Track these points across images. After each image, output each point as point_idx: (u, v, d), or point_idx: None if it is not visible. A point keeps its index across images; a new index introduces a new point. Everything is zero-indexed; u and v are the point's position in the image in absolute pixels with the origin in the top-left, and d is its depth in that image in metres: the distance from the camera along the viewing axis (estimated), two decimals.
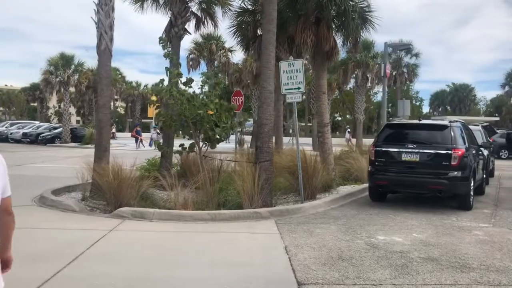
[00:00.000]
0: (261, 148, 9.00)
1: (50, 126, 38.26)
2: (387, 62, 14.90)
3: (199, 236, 6.61)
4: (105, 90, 9.69)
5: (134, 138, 31.35)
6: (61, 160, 20.15)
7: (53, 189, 9.84)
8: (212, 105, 9.64)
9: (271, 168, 9.09)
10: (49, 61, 32.47)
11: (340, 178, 12.66)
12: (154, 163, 13.08)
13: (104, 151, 9.71)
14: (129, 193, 8.45)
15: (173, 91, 9.49)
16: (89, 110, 50.51)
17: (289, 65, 8.78)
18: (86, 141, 31.53)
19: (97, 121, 9.72)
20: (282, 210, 8.03)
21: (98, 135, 9.75)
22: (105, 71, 9.67)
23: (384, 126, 9.81)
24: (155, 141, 10.80)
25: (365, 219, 7.95)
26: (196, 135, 10.11)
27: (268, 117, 9.01)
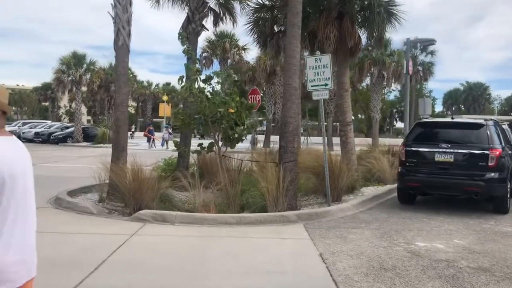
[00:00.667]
0: (285, 148, 8.59)
1: (62, 125, 38.16)
2: (409, 59, 14.39)
3: (225, 241, 6.20)
4: (123, 87, 9.33)
5: (147, 138, 31.07)
6: (75, 159, 19.91)
7: (68, 190, 9.51)
8: (233, 103, 9.25)
9: (296, 169, 8.67)
10: (61, 60, 32.30)
11: (362, 178, 12.21)
12: (171, 163, 12.74)
13: (121, 150, 9.36)
14: (148, 195, 8.08)
15: (193, 89, 9.12)
16: (100, 110, 50.38)
17: (316, 61, 8.35)
18: (98, 141, 31.36)
19: (115, 119, 9.37)
20: (310, 214, 7.60)
21: (115, 134, 9.40)
22: (122, 68, 9.31)
23: (414, 124, 9.34)
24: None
25: (398, 223, 7.50)
26: (215, 134, 9.73)
27: (293, 115, 8.59)
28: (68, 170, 14.89)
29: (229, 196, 8.30)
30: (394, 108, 66.43)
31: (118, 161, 9.21)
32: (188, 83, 9.16)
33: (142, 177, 8.20)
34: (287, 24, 8.75)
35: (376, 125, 27.93)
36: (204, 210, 7.79)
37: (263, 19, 15.66)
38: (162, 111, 58.73)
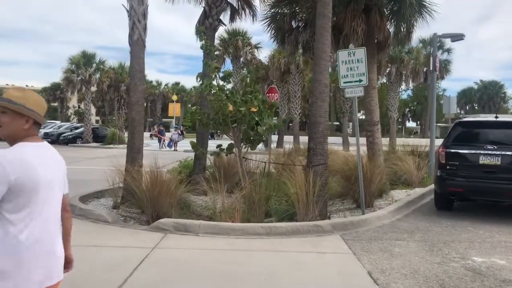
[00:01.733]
0: (315, 149, 7.91)
1: (71, 125, 37.75)
2: (436, 54, 13.62)
3: (258, 256, 5.53)
4: (139, 85, 8.70)
5: (157, 138, 30.49)
6: (85, 161, 19.37)
7: (80, 195, 8.92)
8: (256, 102, 8.60)
9: (326, 173, 8.00)
10: (70, 60, 31.83)
11: (388, 181, 11.50)
12: (187, 165, 12.13)
13: (137, 152, 8.74)
14: (168, 201, 7.44)
15: (213, 87, 8.48)
16: (109, 110, 49.98)
17: (349, 54, 7.65)
18: (108, 141, 30.86)
19: (130, 120, 8.75)
20: (345, 223, 6.90)
21: (131, 135, 8.77)
22: (138, 64, 8.68)
23: (454, 124, 8.61)
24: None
25: (443, 233, 6.79)
26: (236, 135, 9.08)
27: (323, 114, 7.90)
28: (79, 173, 14.33)
29: (253, 202, 7.65)
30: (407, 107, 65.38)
31: (133, 164, 8.59)
32: (208, 81, 8.52)
33: (162, 181, 7.56)
34: (316, 15, 8.07)
35: (394, 125, 27.09)
36: (228, 218, 7.14)
37: (281, 14, 15.00)
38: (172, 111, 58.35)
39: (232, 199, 7.69)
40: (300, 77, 26.79)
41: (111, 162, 8.96)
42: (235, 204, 7.41)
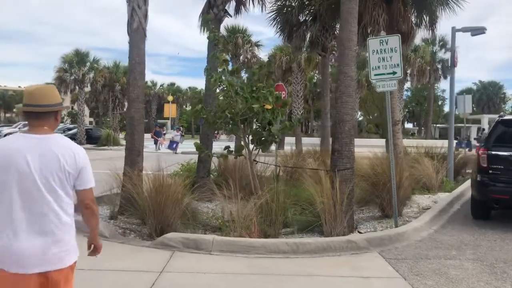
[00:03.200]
0: (340, 151, 6.94)
1: (64, 127, 36.59)
2: (455, 49, 12.72)
3: (289, 284, 4.54)
4: (138, 79, 7.70)
5: (153, 140, 29.43)
6: None
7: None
8: (271, 98, 7.66)
9: (353, 178, 7.03)
10: (63, 58, 30.69)
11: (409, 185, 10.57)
12: (190, 169, 11.14)
13: (137, 155, 7.75)
14: (174, 211, 6.45)
15: (223, 81, 7.52)
16: (103, 110, 48.82)
17: (381, 43, 6.69)
18: (103, 143, 29.78)
19: (128, 118, 7.75)
20: (382, 238, 5.92)
21: (130, 136, 7.77)
22: (138, 55, 7.68)
23: (495, 123, 7.67)
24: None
25: (496, 248, 5.85)
26: (245, 136, 8.12)
27: (349, 111, 6.94)
28: None
29: (270, 211, 6.69)
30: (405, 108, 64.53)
31: (133, 167, 7.61)
32: (218, 74, 7.54)
33: (167, 188, 6.55)
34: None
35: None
36: (244, 231, 6.15)
37: (288, 7, 14.08)
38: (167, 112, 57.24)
39: (246, 208, 6.69)
40: (302, 75, 25.84)
41: (107, 165, 8.06)
42: (251, 214, 6.41)
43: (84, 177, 2.39)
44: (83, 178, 2.39)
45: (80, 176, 2.37)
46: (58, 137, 2.37)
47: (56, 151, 2.29)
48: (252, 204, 6.46)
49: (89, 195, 2.46)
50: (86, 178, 2.41)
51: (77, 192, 2.41)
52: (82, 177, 2.38)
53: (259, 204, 6.48)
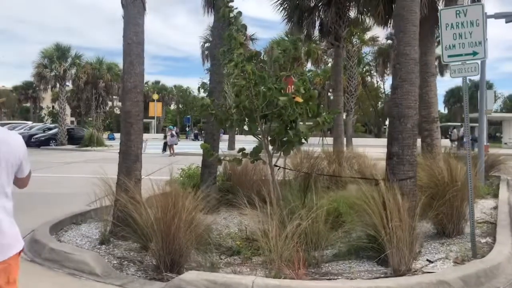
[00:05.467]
0: (401, 156, 5.41)
1: (44, 126, 34.44)
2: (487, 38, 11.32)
3: None
4: (136, 64, 6.05)
5: None
6: (60, 167, 16.41)
7: (52, 221, 6.23)
8: (305, 89, 6.12)
9: (416, 190, 5.51)
10: (42, 53, 28.60)
11: None
12: (192, 175, 9.49)
13: (134, 161, 6.10)
14: (188, 235, 4.84)
15: (246, 66, 5.93)
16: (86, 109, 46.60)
17: (457, 14, 5.16)
18: (85, 143, 27.83)
19: (123, 113, 6.08)
20: (478, 275, 4.35)
21: (125, 137, 6.10)
22: (135, 34, 6.03)
23: None
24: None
25: None
26: (265, 136, 6.55)
27: (412, 104, 5.43)
28: (53, 183, 11.49)
29: (312, 234, 5.14)
30: None
31: (129, 176, 5.99)
32: (239, 58, 5.95)
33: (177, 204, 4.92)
34: None
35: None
36: (285, 264, 4.54)
37: None
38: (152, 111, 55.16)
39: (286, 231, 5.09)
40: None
41: (91, 168, 6.40)
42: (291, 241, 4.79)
43: (25, 166, 2.40)
44: (24, 167, 2.40)
45: (22, 165, 2.36)
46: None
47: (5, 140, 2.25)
48: (293, 225, 4.84)
49: (28, 180, 2.50)
50: (26, 166, 2.42)
51: (18, 180, 2.39)
52: (23, 165, 2.38)
53: (302, 227, 4.88)
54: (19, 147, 2.33)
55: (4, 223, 2.21)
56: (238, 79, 6.06)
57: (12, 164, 2.27)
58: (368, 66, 38.98)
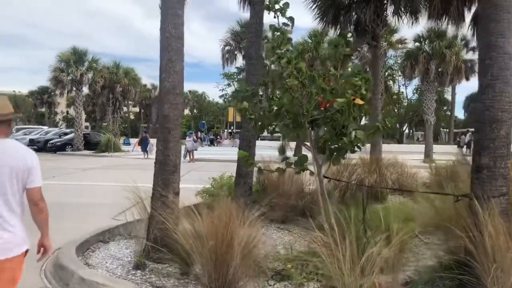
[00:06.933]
0: (492, 168, 4.53)
1: (60, 131, 34.01)
2: None
3: None
4: (176, 61, 5.28)
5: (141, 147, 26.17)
6: (78, 173, 15.74)
7: (77, 240, 5.46)
8: (367, 88, 5.31)
9: (509, 210, 4.63)
10: (59, 57, 28.12)
11: None
12: (225, 185, 8.72)
13: (172, 171, 5.32)
14: (244, 261, 4.05)
15: (299, 63, 5.14)
16: (101, 114, 46.23)
17: None
18: (102, 149, 27.25)
19: (161, 118, 5.29)
20: None
21: (163, 144, 5.31)
22: (174, 26, 5.27)
23: None
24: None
25: None
26: (312, 143, 5.74)
27: (506, 106, 4.55)
28: (73, 192, 10.75)
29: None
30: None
31: (166, 189, 5.24)
32: (293, 53, 5.18)
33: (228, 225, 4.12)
34: None
35: (430, 130, 23.72)
36: None
37: None
38: None
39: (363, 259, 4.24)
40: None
41: (112, 175, 5.67)
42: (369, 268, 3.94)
43: (33, 177, 2.62)
44: (33, 178, 2.61)
45: (30, 176, 2.60)
46: (12, 142, 2.63)
47: (10, 154, 2.55)
48: (371, 251, 3.98)
49: (38, 193, 2.65)
50: (35, 178, 2.63)
51: (27, 190, 2.61)
52: (32, 177, 2.61)
53: (384, 254, 4.02)
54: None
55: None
56: (290, 79, 5.24)
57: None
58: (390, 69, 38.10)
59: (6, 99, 2.72)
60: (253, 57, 8.31)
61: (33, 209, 2.66)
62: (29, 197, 2.63)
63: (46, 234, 2.79)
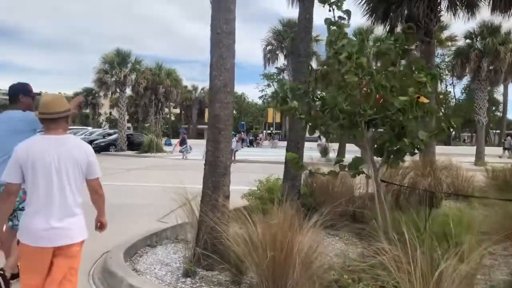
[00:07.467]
0: None
1: (104, 132, 34.78)
2: None
3: None
4: (227, 58, 5.02)
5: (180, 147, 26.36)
6: (123, 173, 15.88)
7: (125, 244, 5.30)
8: (432, 85, 4.90)
9: None
10: (103, 59, 28.71)
11: None
12: (272, 188, 8.39)
13: (223, 174, 5.06)
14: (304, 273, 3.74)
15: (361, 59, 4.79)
16: (143, 115, 47.02)
17: None
18: (145, 149, 27.59)
19: (211, 118, 5.04)
20: None
21: (213, 145, 5.06)
22: (225, 22, 5.01)
23: None
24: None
25: None
26: (369, 145, 5.33)
27: None
28: (117, 192, 10.75)
29: None
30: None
31: (216, 192, 4.99)
32: (353, 47, 4.82)
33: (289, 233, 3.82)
34: None
35: (482, 131, 22.51)
36: None
37: None
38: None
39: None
40: None
41: (155, 175, 5.51)
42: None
43: (93, 169, 2.97)
44: (93, 170, 2.96)
45: (90, 168, 2.94)
46: (71, 137, 2.95)
47: (71, 148, 2.86)
48: (449, 266, 3.55)
49: (98, 182, 3.03)
50: (95, 170, 2.98)
51: (88, 181, 2.97)
52: (92, 169, 2.95)
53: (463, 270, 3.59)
54: None
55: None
56: (349, 75, 4.87)
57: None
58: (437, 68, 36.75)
59: (62, 97, 3.02)
60: (302, 54, 7.99)
61: (94, 196, 3.06)
62: (91, 186, 3.00)
63: (103, 212, 3.26)
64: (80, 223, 2.90)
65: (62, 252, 2.79)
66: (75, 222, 2.85)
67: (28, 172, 2.74)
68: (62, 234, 2.77)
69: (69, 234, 2.80)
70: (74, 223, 2.84)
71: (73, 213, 2.84)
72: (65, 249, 2.79)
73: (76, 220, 2.86)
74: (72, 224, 2.82)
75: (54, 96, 2.95)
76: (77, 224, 2.86)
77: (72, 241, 2.81)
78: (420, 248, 3.59)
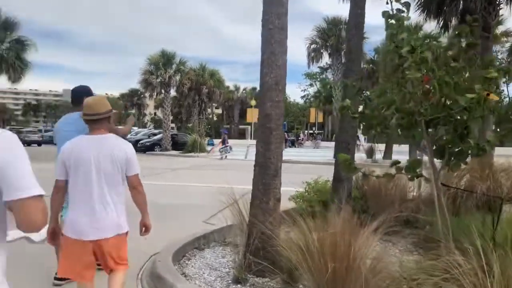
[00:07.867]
0: None
1: (149, 132, 35.42)
2: None
3: None
4: (278, 54, 4.78)
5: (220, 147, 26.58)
6: (168, 173, 16.00)
7: (173, 246, 5.18)
8: (505, 81, 4.48)
9: None
10: (149, 60, 29.22)
11: None
12: (321, 190, 8.09)
13: (273, 176, 4.82)
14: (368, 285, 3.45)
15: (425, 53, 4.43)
16: (187, 116, 47.66)
17: None
18: (188, 149, 27.86)
19: (262, 117, 4.84)
20: None
21: (263, 146, 4.84)
22: (277, 16, 4.78)
23: None
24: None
25: None
26: (430, 146, 4.92)
27: None
28: (163, 191, 10.75)
29: None
30: None
31: (267, 195, 4.76)
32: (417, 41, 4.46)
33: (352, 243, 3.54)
34: None
35: None
36: None
37: None
38: (250, 117, 55.13)
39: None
40: None
41: (199, 175, 5.40)
42: None
43: (132, 166, 3.04)
44: (131, 167, 3.04)
45: (129, 166, 3.02)
46: (112, 137, 3.05)
47: (111, 147, 2.98)
48: None
49: (136, 179, 3.08)
50: (133, 167, 3.06)
51: (127, 178, 3.04)
52: (130, 166, 3.03)
53: None
54: None
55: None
56: (411, 71, 4.52)
57: None
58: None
59: (104, 98, 3.18)
60: (353, 51, 7.66)
61: (133, 192, 3.11)
62: (130, 182, 3.06)
63: (146, 213, 3.25)
64: (119, 219, 2.97)
65: (104, 243, 2.91)
66: (113, 217, 2.94)
67: (70, 170, 2.91)
68: (100, 228, 2.89)
69: (107, 228, 2.91)
70: (112, 219, 2.93)
71: (112, 209, 2.94)
72: (108, 241, 2.92)
73: (114, 216, 2.95)
74: (110, 219, 2.92)
75: (97, 98, 3.14)
76: (114, 220, 2.94)
77: (111, 235, 2.92)
78: (497, 262, 3.24)
